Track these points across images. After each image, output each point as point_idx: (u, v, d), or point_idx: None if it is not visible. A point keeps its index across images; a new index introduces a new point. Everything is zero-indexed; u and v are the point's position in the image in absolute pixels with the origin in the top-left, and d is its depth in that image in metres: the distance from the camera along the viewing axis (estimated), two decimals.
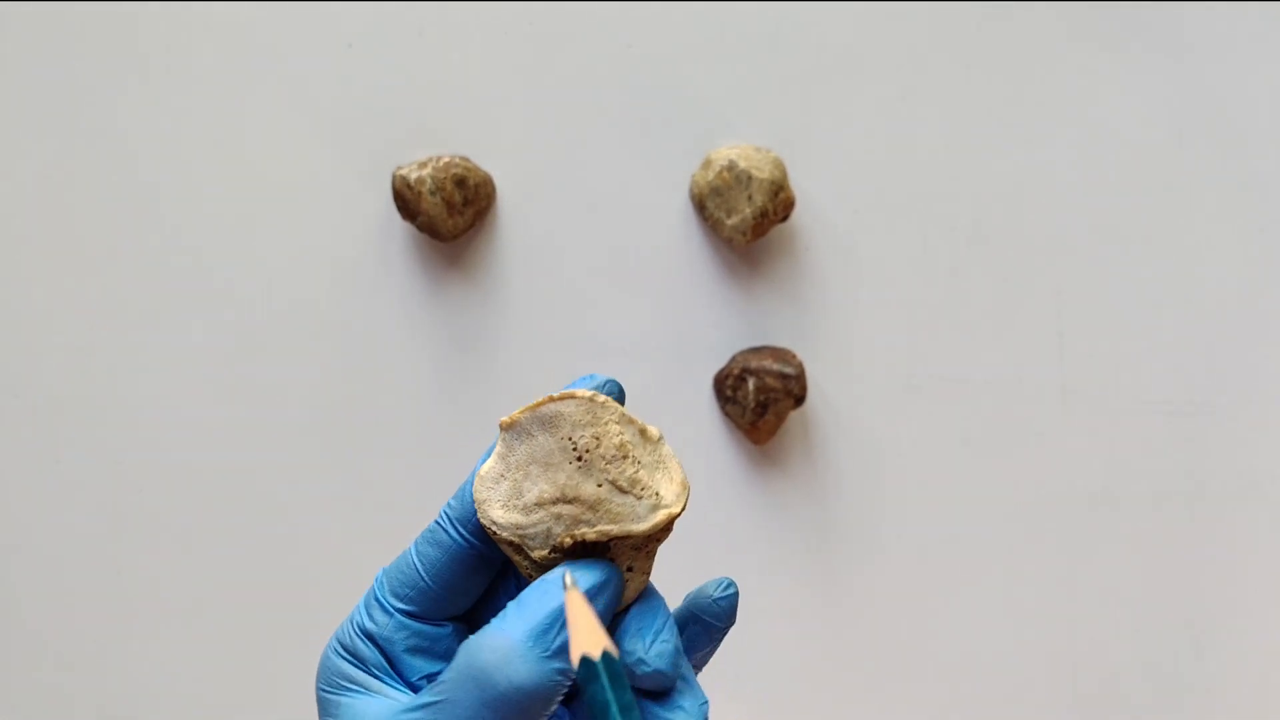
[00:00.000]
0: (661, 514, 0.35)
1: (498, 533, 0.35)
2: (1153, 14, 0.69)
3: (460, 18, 0.68)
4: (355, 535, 0.69)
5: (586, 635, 0.31)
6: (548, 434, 0.35)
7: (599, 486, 0.35)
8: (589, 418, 0.35)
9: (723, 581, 0.37)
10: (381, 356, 0.69)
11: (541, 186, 0.69)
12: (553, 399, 0.35)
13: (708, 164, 0.67)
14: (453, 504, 0.36)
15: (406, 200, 0.66)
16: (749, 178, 0.66)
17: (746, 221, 0.66)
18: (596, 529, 0.35)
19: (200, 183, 0.69)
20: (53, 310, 0.69)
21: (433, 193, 0.66)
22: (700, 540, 0.69)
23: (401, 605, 0.36)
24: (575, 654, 0.31)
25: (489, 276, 0.69)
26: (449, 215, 0.67)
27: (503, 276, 0.69)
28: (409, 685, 0.36)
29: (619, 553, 0.35)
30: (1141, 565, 0.70)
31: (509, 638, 0.32)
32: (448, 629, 0.36)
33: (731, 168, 0.66)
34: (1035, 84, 0.69)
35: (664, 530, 0.36)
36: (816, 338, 0.69)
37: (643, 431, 0.36)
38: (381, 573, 0.37)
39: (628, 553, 0.36)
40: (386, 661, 0.36)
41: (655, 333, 0.69)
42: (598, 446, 0.35)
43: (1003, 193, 0.69)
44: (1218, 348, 0.70)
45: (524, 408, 0.36)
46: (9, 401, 0.69)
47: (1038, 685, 0.70)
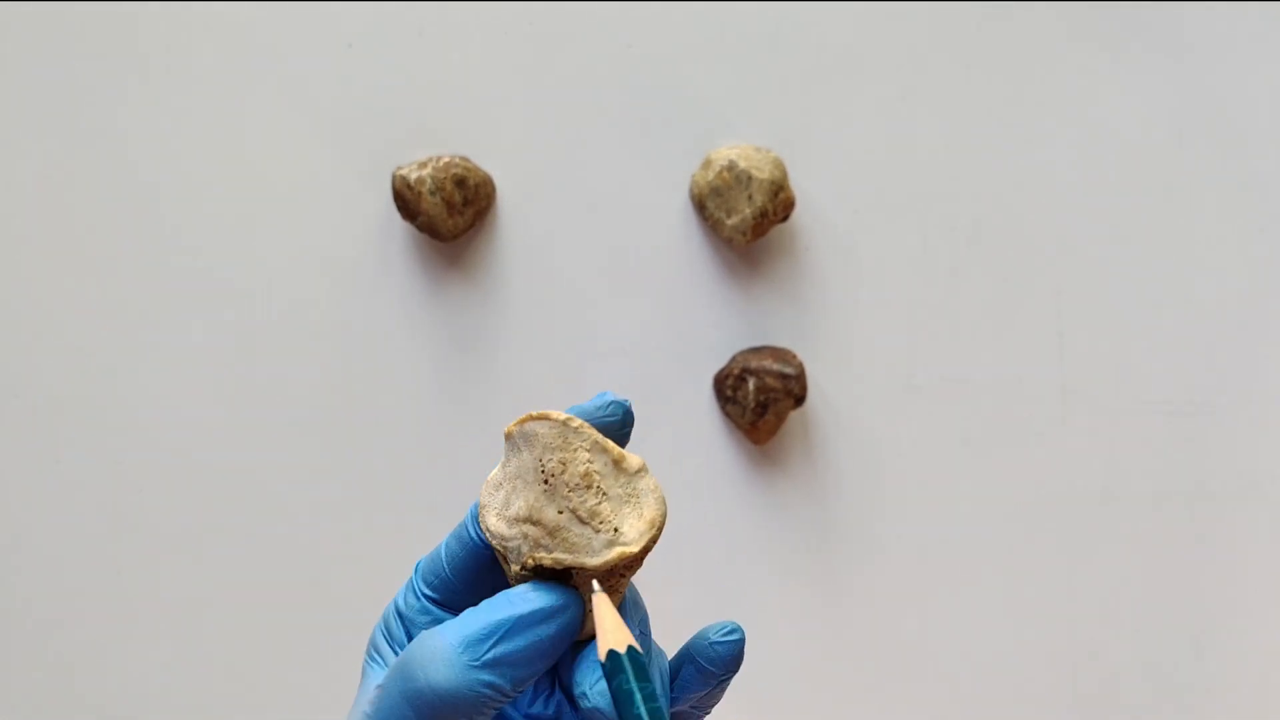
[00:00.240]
0: (615, 552, 0.33)
1: (490, 539, 0.35)
2: (1153, 14, 0.69)
3: (460, 18, 0.68)
4: (355, 535, 0.69)
5: (613, 633, 0.32)
6: (528, 451, 0.35)
7: (559, 513, 0.34)
8: (559, 441, 0.34)
9: (726, 625, 0.35)
10: (381, 356, 0.69)
11: (541, 186, 0.69)
12: (532, 416, 0.34)
13: (708, 164, 0.67)
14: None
15: (406, 200, 0.66)
16: (749, 178, 0.66)
17: (746, 221, 0.66)
18: (553, 555, 0.34)
19: (200, 183, 0.69)
20: (53, 310, 0.69)
21: (433, 193, 0.66)
22: (700, 540, 0.69)
23: (428, 592, 0.36)
24: (602, 650, 0.32)
25: (489, 276, 0.69)
26: (449, 215, 0.66)
27: (503, 276, 0.69)
28: None
29: (581, 581, 0.34)
30: (1141, 565, 0.70)
31: (442, 639, 0.33)
32: None
33: (731, 168, 0.66)
34: (1035, 84, 0.69)
35: (627, 566, 0.34)
36: (816, 338, 0.69)
37: (618, 461, 0.34)
38: (421, 559, 0.38)
39: (588, 583, 0.34)
40: (410, 641, 0.36)
41: (655, 333, 0.69)
42: (563, 472, 0.34)
43: (1003, 193, 0.69)
44: (1218, 348, 0.70)
45: (518, 420, 0.35)
46: (9, 401, 0.69)
47: (1038, 685, 0.70)
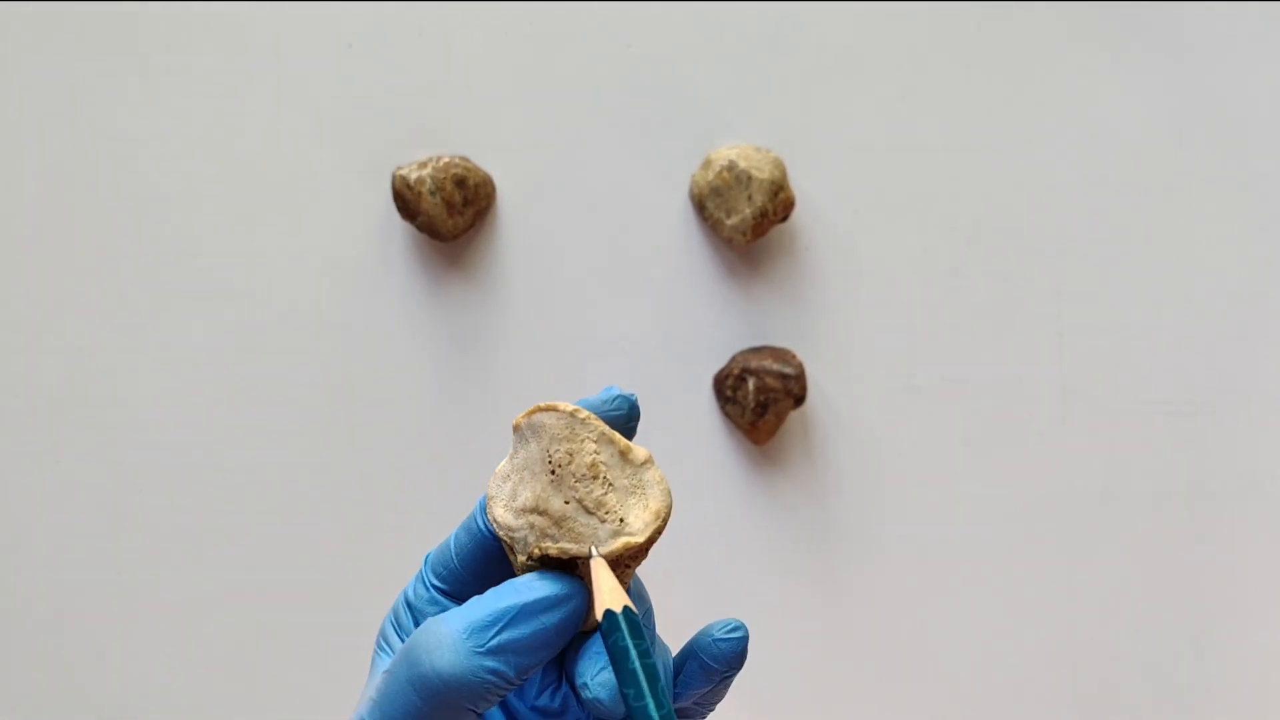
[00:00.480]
0: (620, 542, 0.34)
1: (497, 530, 0.35)
2: (1153, 14, 0.69)
3: (460, 18, 0.68)
4: (355, 535, 0.69)
5: (609, 594, 0.33)
6: (535, 442, 0.35)
7: (566, 503, 0.35)
8: (566, 432, 0.35)
9: (730, 623, 0.36)
10: (381, 356, 0.69)
11: (541, 186, 0.69)
12: (540, 408, 0.35)
13: (708, 164, 0.67)
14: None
15: (406, 200, 0.66)
16: (749, 178, 0.66)
17: (746, 221, 0.66)
18: (558, 545, 0.34)
19: (200, 183, 0.69)
20: (53, 310, 0.69)
21: (433, 193, 0.66)
22: (700, 540, 0.69)
23: (437, 583, 0.37)
24: (599, 610, 0.33)
25: (489, 276, 0.69)
26: (449, 215, 0.66)
27: (503, 276, 0.69)
28: None
29: (586, 571, 0.35)
30: (1141, 565, 0.70)
31: (447, 626, 0.33)
32: None
33: (731, 168, 0.66)
34: (1035, 84, 0.69)
35: (632, 557, 0.35)
36: (816, 338, 0.69)
37: (625, 452, 0.35)
38: (431, 550, 0.38)
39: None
40: None
41: (655, 333, 0.69)
42: (570, 463, 0.35)
43: (1003, 193, 0.69)
44: (1218, 348, 0.70)
45: (526, 411, 0.36)
46: (9, 401, 0.69)
47: (1038, 685, 0.70)
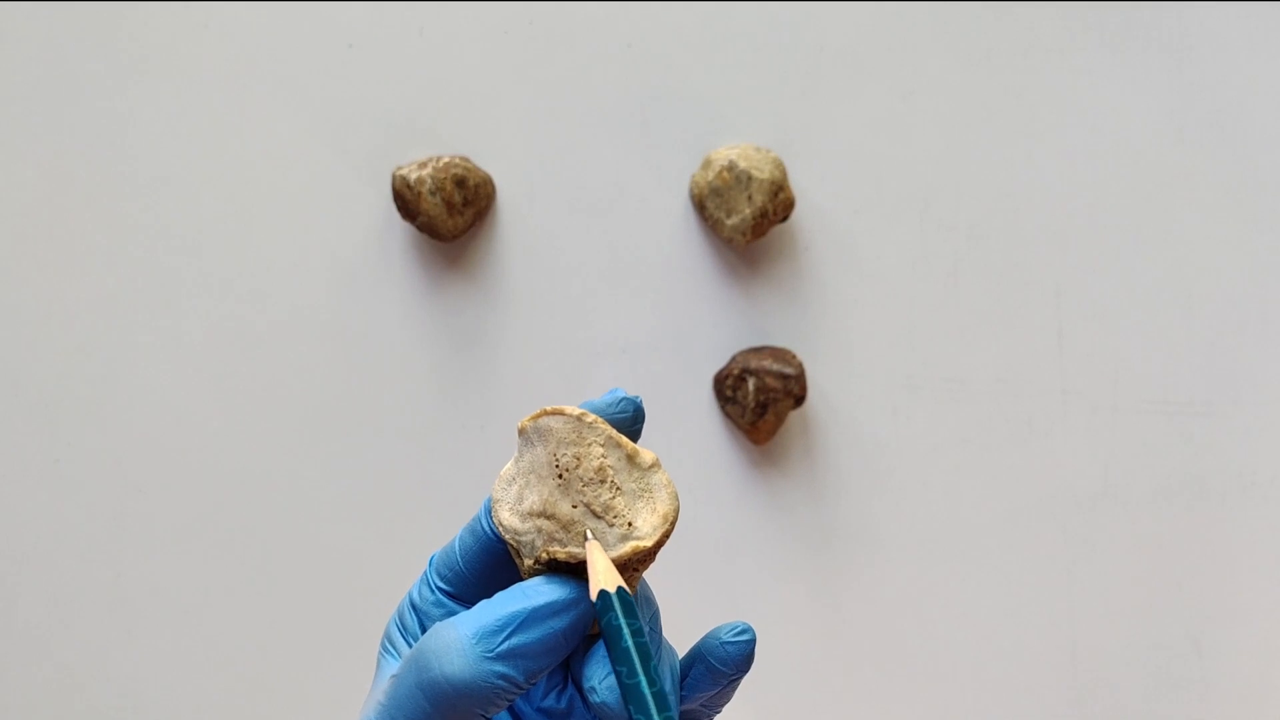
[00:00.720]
0: (629, 546, 0.34)
1: (503, 534, 0.35)
2: (1153, 14, 0.69)
3: (460, 18, 0.68)
4: (355, 535, 0.69)
5: (604, 574, 0.34)
6: (542, 446, 0.35)
7: (574, 507, 0.35)
8: (574, 436, 0.35)
9: (737, 626, 0.36)
10: (381, 356, 0.69)
11: (541, 186, 0.69)
12: (546, 411, 0.35)
13: (708, 164, 0.67)
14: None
15: (406, 200, 0.66)
16: (749, 178, 0.66)
17: (746, 221, 0.66)
18: (567, 549, 0.34)
19: (200, 183, 0.69)
20: (53, 309, 0.69)
21: (433, 193, 0.66)
22: (700, 541, 0.69)
23: (442, 585, 0.37)
24: (594, 590, 0.33)
25: (489, 276, 0.69)
26: (449, 215, 0.66)
27: (503, 276, 0.69)
28: None
29: None
30: (1141, 564, 0.70)
31: (456, 631, 0.33)
32: None
33: (731, 168, 0.66)
34: (1035, 84, 0.69)
35: (640, 561, 0.35)
36: (816, 338, 0.69)
37: (632, 456, 0.35)
38: (436, 552, 0.38)
39: None
40: (424, 632, 0.37)
41: (655, 333, 0.69)
42: (577, 466, 0.35)
43: (1002, 192, 0.69)
44: (1218, 348, 0.70)
45: (531, 415, 0.35)
46: (9, 401, 0.69)
47: (1038, 685, 0.70)
